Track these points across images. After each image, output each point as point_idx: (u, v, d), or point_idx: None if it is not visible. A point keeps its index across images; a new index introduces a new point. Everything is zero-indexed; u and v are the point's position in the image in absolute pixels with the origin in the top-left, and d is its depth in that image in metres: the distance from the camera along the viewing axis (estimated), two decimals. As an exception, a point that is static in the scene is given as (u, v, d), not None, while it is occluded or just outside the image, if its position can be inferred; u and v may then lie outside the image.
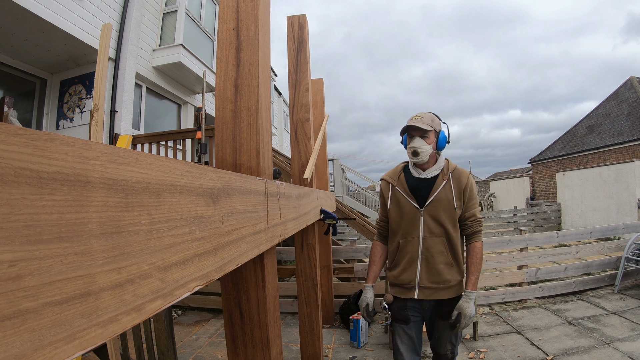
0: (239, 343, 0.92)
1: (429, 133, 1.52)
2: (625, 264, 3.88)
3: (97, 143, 0.32)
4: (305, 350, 2.20)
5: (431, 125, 1.52)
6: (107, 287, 0.33)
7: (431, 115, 1.57)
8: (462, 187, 1.52)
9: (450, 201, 1.51)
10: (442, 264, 1.50)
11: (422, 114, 1.57)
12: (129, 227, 0.36)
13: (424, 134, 1.51)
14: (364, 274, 3.72)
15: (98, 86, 2.23)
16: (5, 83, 4.55)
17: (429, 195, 1.53)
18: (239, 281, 0.92)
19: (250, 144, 0.92)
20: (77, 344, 0.29)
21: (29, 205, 0.25)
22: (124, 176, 0.35)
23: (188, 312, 3.89)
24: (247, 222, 0.74)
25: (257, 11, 0.96)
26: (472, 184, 1.55)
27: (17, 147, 0.24)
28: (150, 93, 5.88)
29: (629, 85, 12.65)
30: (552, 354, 2.54)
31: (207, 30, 6.61)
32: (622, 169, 8.14)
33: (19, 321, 0.24)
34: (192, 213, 0.50)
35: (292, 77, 2.28)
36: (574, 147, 13.43)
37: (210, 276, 0.55)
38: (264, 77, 0.99)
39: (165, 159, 0.44)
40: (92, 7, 4.44)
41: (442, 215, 1.51)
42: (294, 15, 2.27)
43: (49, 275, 0.27)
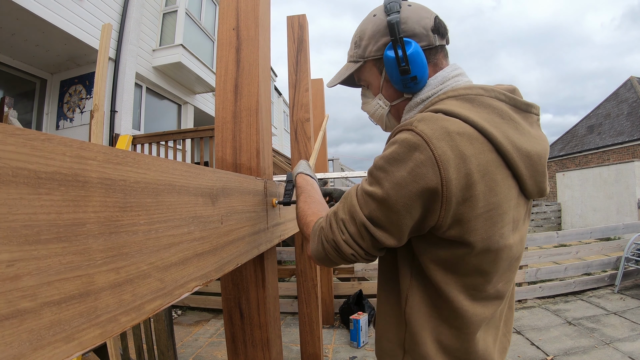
0: (239, 343, 0.92)
1: (362, 71, 0.72)
2: (625, 264, 3.88)
3: (94, 143, 0.32)
4: (305, 350, 2.20)
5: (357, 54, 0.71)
6: (106, 287, 0.33)
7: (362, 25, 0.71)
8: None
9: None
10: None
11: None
12: (127, 227, 0.36)
13: (357, 78, 0.75)
14: (364, 274, 3.72)
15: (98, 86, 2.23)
16: (5, 83, 4.56)
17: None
18: (238, 281, 0.92)
19: (250, 144, 0.92)
20: (77, 344, 0.29)
21: (27, 205, 0.25)
22: (122, 176, 0.35)
23: (188, 312, 3.89)
24: (246, 222, 0.74)
25: (257, 11, 0.96)
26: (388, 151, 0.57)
27: (14, 147, 0.24)
28: (150, 93, 5.88)
29: (629, 85, 12.65)
30: (552, 354, 2.54)
31: (207, 30, 6.62)
32: (622, 169, 8.14)
33: (18, 321, 0.24)
34: (191, 213, 0.50)
35: (292, 77, 2.28)
36: (574, 147, 13.43)
37: (209, 276, 0.55)
38: (264, 77, 0.99)
39: (164, 160, 0.44)
40: (92, 7, 4.44)
41: None
42: (294, 15, 2.27)
43: (47, 275, 0.27)
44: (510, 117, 0.57)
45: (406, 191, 0.51)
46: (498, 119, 0.55)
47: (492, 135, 0.53)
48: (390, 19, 0.64)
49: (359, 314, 3.01)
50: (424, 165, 0.50)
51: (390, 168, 0.53)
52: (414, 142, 0.51)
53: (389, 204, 0.53)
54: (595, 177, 8.99)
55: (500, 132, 0.54)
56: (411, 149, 0.51)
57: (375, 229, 0.55)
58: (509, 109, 0.58)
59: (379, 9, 0.69)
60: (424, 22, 0.65)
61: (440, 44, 0.66)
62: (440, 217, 0.52)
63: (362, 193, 0.57)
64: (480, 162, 0.51)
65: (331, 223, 0.61)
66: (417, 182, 0.50)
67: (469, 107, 0.56)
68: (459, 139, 0.51)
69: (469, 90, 0.59)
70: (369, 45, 0.69)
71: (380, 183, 0.54)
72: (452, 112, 0.54)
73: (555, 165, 13.95)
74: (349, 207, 0.59)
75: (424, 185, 0.50)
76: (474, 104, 0.56)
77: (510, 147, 0.54)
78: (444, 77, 0.65)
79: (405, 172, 0.51)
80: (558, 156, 13.94)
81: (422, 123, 0.52)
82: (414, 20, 0.65)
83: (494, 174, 0.52)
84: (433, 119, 0.53)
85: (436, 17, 0.67)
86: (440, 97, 0.62)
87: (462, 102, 0.57)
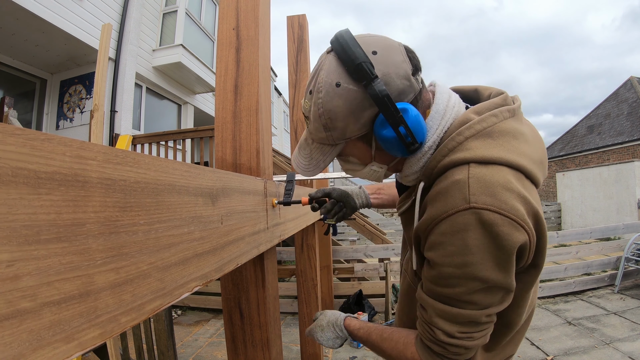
0: (239, 343, 0.92)
1: (344, 148, 0.63)
2: (625, 264, 3.88)
3: (94, 143, 0.32)
4: (305, 350, 2.20)
5: (333, 137, 0.59)
6: (106, 287, 0.33)
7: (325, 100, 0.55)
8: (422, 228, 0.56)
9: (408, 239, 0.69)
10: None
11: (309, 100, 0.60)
12: (127, 227, 0.36)
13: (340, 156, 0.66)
14: (364, 274, 3.72)
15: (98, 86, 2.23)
16: (5, 83, 4.56)
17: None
18: (238, 281, 0.92)
19: (250, 144, 0.92)
20: (76, 344, 0.29)
21: (26, 205, 0.25)
22: (122, 176, 0.35)
23: (188, 312, 3.89)
24: (246, 222, 0.74)
25: (257, 11, 0.96)
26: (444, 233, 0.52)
27: (14, 147, 0.24)
28: (150, 93, 5.88)
29: (629, 85, 12.65)
30: (552, 354, 2.54)
31: (207, 30, 6.62)
32: (622, 169, 8.14)
33: (17, 321, 0.24)
34: (191, 213, 0.50)
35: (292, 77, 2.28)
36: (574, 147, 13.43)
37: (209, 276, 0.55)
38: (264, 77, 0.99)
39: (164, 160, 0.44)
40: (92, 7, 4.44)
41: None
42: (294, 15, 2.27)
43: (47, 275, 0.27)
44: (520, 133, 0.57)
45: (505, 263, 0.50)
46: (515, 142, 0.55)
47: (522, 167, 0.53)
48: (378, 91, 0.52)
49: (359, 314, 3.01)
50: (510, 234, 0.48)
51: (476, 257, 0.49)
52: (486, 219, 0.48)
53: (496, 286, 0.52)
54: (595, 177, 8.99)
55: (524, 158, 0.54)
56: (487, 227, 0.48)
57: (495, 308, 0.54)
58: (514, 124, 0.57)
59: (336, 71, 0.54)
60: (402, 70, 0.54)
61: (422, 84, 0.59)
62: (529, 258, 0.54)
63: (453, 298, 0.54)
64: (533, 196, 0.53)
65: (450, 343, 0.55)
66: (511, 249, 0.49)
67: (491, 144, 0.54)
68: (515, 188, 0.50)
69: (484, 123, 0.55)
70: (348, 126, 0.56)
71: (473, 277, 0.50)
72: (483, 159, 0.52)
73: (555, 165, 13.95)
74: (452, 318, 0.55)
75: (518, 246, 0.50)
76: (494, 138, 0.54)
77: (533, 166, 0.55)
78: (439, 114, 0.59)
79: (496, 251, 0.49)
80: (558, 156, 13.94)
81: (480, 195, 0.49)
82: (394, 74, 0.54)
83: (537, 199, 0.55)
84: (484, 184, 0.50)
85: (406, 50, 0.57)
86: (455, 139, 0.55)
87: (483, 140, 0.54)
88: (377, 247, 3.63)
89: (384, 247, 3.60)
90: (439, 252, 0.52)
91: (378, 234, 4.03)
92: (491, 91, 0.64)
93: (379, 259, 3.71)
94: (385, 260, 3.51)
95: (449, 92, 0.63)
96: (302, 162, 0.66)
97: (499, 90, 0.63)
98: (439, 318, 0.56)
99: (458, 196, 0.50)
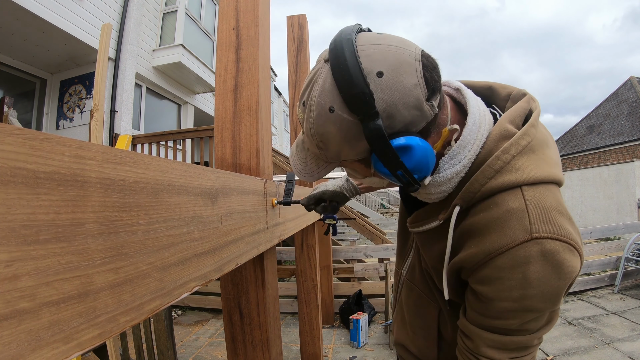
0: (239, 343, 0.92)
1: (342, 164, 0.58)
2: (625, 264, 3.88)
3: (93, 143, 0.32)
4: (305, 351, 2.20)
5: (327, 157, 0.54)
6: (105, 287, 0.33)
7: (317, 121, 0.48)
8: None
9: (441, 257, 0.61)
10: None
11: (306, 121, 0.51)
12: (126, 227, 0.36)
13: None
14: (364, 274, 3.72)
15: (98, 86, 2.23)
16: (5, 83, 4.56)
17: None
18: (238, 281, 0.92)
19: (250, 143, 0.92)
20: (76, 344, 0.29)
21: (25, 205, 0.25)
22: (121, 176, 0.35)
23: (188, 312, 3.89)
24: (246, 222, 0.74)
25: (256, 11, 0.96)
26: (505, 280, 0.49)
27: (13, 147, 0.24)
28: (150, 93, 5.88)
29: (629, 85, 12.66)
30: (552, 354, 2.54)
31: (207, 30, 6.62)
32: (622, 169, 8.14)
33: (16, 321, 0.24)
34: (191, 213, 0.50)
35: (292, 77, 2.28)
36: (574, 147, 13.44)
37: (209, 276, 0.55)
38: (264, 77, 0.99)
39: (163, 159, 0.44)
40: (92, 7, 4.44)
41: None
42: (293, 15, 2.27)
43: (46, 275, 0.27)
44: (546, 138, 0.55)
45: (562, 291, 0.49)
46: (548, 151, 0.53)
47: (560, 180, 0.52)
48: (371, 130, 0.44)
49: (358, 314, 3.01)
50: (569, 260, 0.47)
51: (536, 290, 0.47)
52: (548, 249, 0.46)
53: (550, 311, 0.52)
54: (595, 177, 8.99)
55: (557, 167, 0.53)
56: (549, 257, 0.46)
57: (545, 329, 0.54)
58: (542, 129, 0.55)
59: (331, 92, 0.46)
60: (412, 99, 0.45)
61: (437, 109, 0.49)
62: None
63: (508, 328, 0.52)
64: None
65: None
66: (570, 278, 0.48)
67: (536, 160, 0.50)
68: (564, 210, 0.49)
69: (527, 138, 0.51)
70: (342, 151, 0.50)
71: (530, 309, 0.49)
72: (533, 179, 0.48)
73: (555, 165, 13.94)
74: (502, 346, 0.53)
75: (575, 274, 0.48)
76: (536, 153, 0.51)
77: (561, 173, 0.53)
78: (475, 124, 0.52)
79: (556, 281, 0.47)
80: (558, 156, 13.94)
81: (541, 224, 0.47)
82: (401, 104, 0.44)
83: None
84: (542, 212, 0.47)
85: (423, 66, 0.46)
86: (502, 158, 0.50)
87: (528, 157, 0.50)
88: (377, 247, 3.63)
89: (384, 247, 3.60)
90: (494, 287, 0.49)
91: (378, 234, 4.03)
92: (510, 91, 0.58)
93: (379, 259, 3.71)
94: (385, 260, 3.51)
95: (475, 98, 0.56)
96: (299, 164, 0.60)
97: (521, 91, 0.57)
98: (488, 348, 0.54)
99: (518, 227, 0.46)
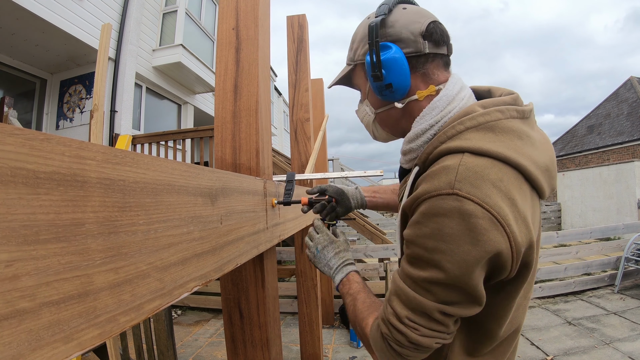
0: (239, 343, 0.92)
1: (354, 75, 0.71)
2: (625, 264, 3.88)
3: (93, 143, 0.32)
4: (305, 350, 2.20)
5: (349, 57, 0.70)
6: (105, 287, 0.33)
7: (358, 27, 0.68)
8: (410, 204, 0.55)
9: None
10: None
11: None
12: (126, 227, 0.36)
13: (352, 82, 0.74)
14: (364, 274, 3.72)
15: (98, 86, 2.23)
16: (5, 83, 4.56)
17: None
18: (238, 281, 0.92)
19: (249, 144, 0.92)
20: (76, 344, 0.29)
21: (25, 205, 0.25)
22: (121, 176, 0.35)
23: (188, 312, 3.89)
24: (246, 222, 0.74)
25: (256, 11, 0.96)
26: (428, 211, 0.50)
27: (13, 147, 0.24)
28: (150, 93, 5.88)
29: (629, 85, 12.65)
30: (552, 354, 2.54)
31: (207, 30, 6.62)
32: (622, 169, 8.14)
33: (17, 321, 0.24)
34: (191, 213, 0.50)
35: (292, 77, 2.28)
36: (574, 147, 13.43)
37: (209, 276, 0.55)
38: (264, 77, 0.99)
39: (163, 159, 0.44)
40: (92, 7, 4.44)
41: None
42: (293, 15, 2.27)
43: (46, 275, 0.27)
44: (527, 135, 0.55)
45: (475, 264, 0.46)
46: (519, 142, 0.53)
47: (522, 167, 0.51)
48: (371, 21, 0.60)
49: (358, 314, 3.01)
50: (487, 230, 0.46)
51: (447, 246, 0.47)
52: (466, 209, 0.46)
53: (458, 284, 0.48)
54: (595, 177, 8.99)
55: (526, 159, 0.52)
56: (466, 217, 0.46)
57: (452, 308, 0.50)
58: (521, 125, 0.56)
59: (370, 19, 0.64)
60: (413, 27, 0.60)
61: (432, 51, 0.60)
62: (512, 270, 0.50)
63: (415, 281, 0.51)
64: (526, 201, 0.50)
65: (395, 326, 0.53)
66: (485, 250, 0.46)
67: (492, 138, 0.52)
68: (504, 187, 0.48)
69: (488, 117, 0.54)
70: (358, 49, 0.66)
71: (439, 266, 0.48)
72: (480, 150, 0.50)
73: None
74: (406, 300, 0.52)
75: (493, 250, 0.46)
76: (496, 132, 0.53)
77: (536, 171, 0.52)
78: (449, 97, 0.60)
79: (468, 245, 0.46)
80: (558, 156, 13.94)
81: (466, 184, 0.47)
82: (402, 24, 0.60)
83: (535, 206, 0.52)
84: (473, 175, 0.48)
85: (432, 22, 0.60)
86: (456, 127, 0.55)
87: (484, 133, 0.53)
88: (377, 247, 3.63)
89: (384, 247, 3.60)
90: (414, 231, 0.51)
91: (378, 234, 4.03)
92: (502, 91, 0.63)
93: (379, 259, 3.71)
94: (385, 260, 3.51)
95: (463, 84, 0.63)
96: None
97: (510, 91, 0.61)
98: (395, 297, 0.54)
99: (444, 180, 0.49)
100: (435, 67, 0.62)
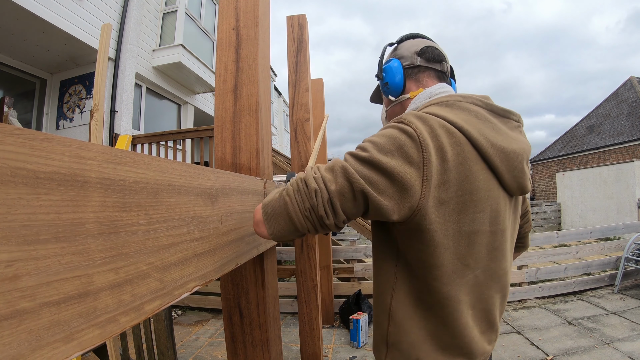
0: (239, 343, 0.92)
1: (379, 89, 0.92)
2: (625, 264, 3.88)
3: (93, 143, 0.32)
4: (305, 350, 2.20)
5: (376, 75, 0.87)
6: (105, 288, 0.33)
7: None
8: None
9: None
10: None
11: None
12: (126, 227, 0.36)
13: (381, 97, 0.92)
14: (364, 274, 3.72)
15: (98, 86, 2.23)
16: (5, 83, 4.56)
17: None
18: (238, 281, 0.92)
19: (249, 144, 0.92)
20: (76, 344, 0.29)
21: (25, 205, 0.25)
22: (122, 176, 0.35)
23: (188, 312, 3.89)
24: (246, 222, 0.74)
25: (256, 11, 0.96)
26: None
27: (13, 147, 0.24)
28: (150, 93, 5.88)
29: (629, 85, 12.65)
30: (552, 354, 2.54)
31: (207, 30, 6.61)
32: (622, 169, 8.14)
33: (17, 321, 0.24)
34: (191, 213, 0.50)
35: (291, 77, 2.28)
36: (574, 147, 13.43)
37: (209, 276, 0.55)
38: (264, 77, 0.99)
39: (163, 159, 0.44)
40: (92, 7, 4.44)
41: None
42: (293, 15, 2.27)
43: (46, 275, 0.27)
44: (486, 119, 0.63)
45: (390, 157, 0.56)
46: (474, 119, 0.62)
47: (467, 131, 0.59)
48: (385, 45, 0.85)
49: (358, 313, 3.01)
50: (409, 146, 0.56)
51: (379, 140, 0.58)
52: (403, 127, 0.58)
53: (373, 163, 0.56)
54: (595, 177, 8.99)
55: (475, 129, 0.60)
56: (400, 131, 0.58)
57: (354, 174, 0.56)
58: (485, 112, 0.64)
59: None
60: (412, 48, 0.80)
61: (423, 64, 0.78)
62: (423, 197, 0.55)
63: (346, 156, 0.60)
64: (456, 152, 0.58)
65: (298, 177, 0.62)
66: (402, 156, 0.56)
67: (448, 110, 0.63)
68: (439, 131, 0.58)
69: (449, 98, 0.67)
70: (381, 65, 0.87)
71: (367, 150, 0.57)
72: (434, 114, 0.62)
73: (555, 165, 13.94)
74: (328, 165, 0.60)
75: (408, 160, 0.55)
76: (452, 108, 0.64)
77: (484, 141, 0.60)
78: (430, 93, 0.75)
79: (392, 147, 0.57)
80: (558, 156, 13.93)
81: (410, 116, 0.61)
82: (406, 48, 0.81)
83: (469, 165, 0.58)
84: (419, 115, 0.61)
85: (427, 46, 0.79)
86: (425, 105, 0.69)
87: (442, 107, 0.64)
88: (377, 247, 3.62)
89: (384, 247, 3.59)
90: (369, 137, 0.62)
91: (378, 234, 4.03)
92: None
93: (379, 259, 3.71)
94: (385, 260, 3.51)
95: (450, 89, 0.76)
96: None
97: (483, 94, 0.71)
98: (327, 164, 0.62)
99: (401, 115, 0.62)
100: (427, 77, 0.79)
